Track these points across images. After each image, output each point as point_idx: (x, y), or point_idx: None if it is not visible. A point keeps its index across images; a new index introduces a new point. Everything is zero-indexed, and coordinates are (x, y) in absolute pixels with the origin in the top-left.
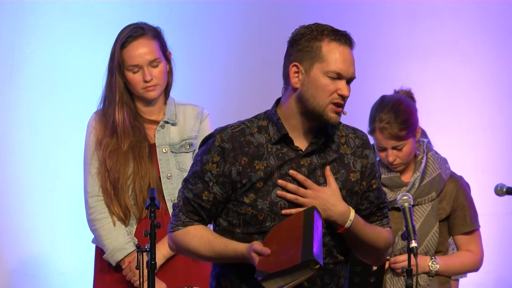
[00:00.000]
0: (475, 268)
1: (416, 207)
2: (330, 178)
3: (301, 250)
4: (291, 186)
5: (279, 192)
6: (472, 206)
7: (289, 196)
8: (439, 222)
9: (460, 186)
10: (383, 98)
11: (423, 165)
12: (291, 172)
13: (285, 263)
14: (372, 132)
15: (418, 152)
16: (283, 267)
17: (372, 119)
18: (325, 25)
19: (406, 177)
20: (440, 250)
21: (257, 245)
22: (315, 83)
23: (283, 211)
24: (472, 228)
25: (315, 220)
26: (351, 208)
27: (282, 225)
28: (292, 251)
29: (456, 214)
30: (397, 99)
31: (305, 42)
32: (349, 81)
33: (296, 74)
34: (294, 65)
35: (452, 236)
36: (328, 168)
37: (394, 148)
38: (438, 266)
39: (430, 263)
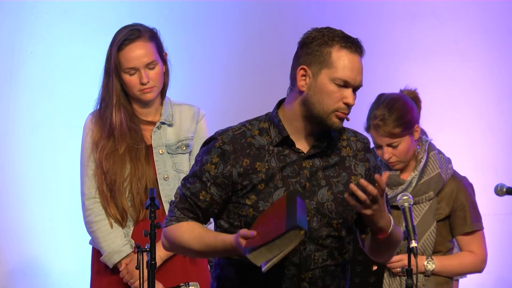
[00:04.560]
0: (477, 269)
1: (413, 206)
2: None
3: (285, 221)
4: (372, 188)
5: (352, 185)
6: (474, 207)
7: (359, 193)
8: (438, 222)
9: (462, 187)
10: (380, 96)
11: (422, 164)
12: (377, 177)
13: (271, 235)
14: (367, 129)
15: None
16: (268, 239)
17: (368, 116)
18: (337, 30)
19: (406, 176)
20: (439, 250)
21: (244, 230)
22: (321, 89)
23: (345, 195)
24: (473, 228)
25: (298, 200)
26: (389, 215)
27: (267, 212)
28: (277, 224)
29: (456, 215)
30: (394, 97)
31: (315, 46)
32: (355, 89)
33: (303, 77)
34: (302, 68)
35: (453, 237)
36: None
37: (389, 145)
38: (434, 266)
39: (425, 263)
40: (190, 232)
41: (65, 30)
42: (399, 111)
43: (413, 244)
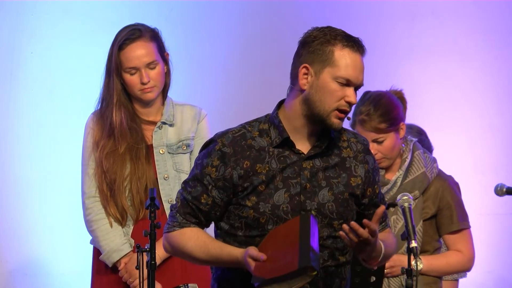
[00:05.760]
0: (465, 268)
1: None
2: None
3: (298, 256)
4: (362, 231)
5: (344, 225)
6: (459, 206)
7: (351, 236)
8: (425, 221)
9: (447, 186)
10: (366, 93)
11: (406, 163)
12: (366, 221)
13: (282, 269)
14: (353, 125)
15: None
16: (280, 273)
17: (354, 112)
18: (338, 29)
19: (391, 176)
20: (426, 249)
21: (253, 250)
22: (323, 87)
23: (340, 233)
24: (459, 227)
25: (311, 225)
26: (380, 243)
27: (278, 230)
28: (289, 257)
29: (442, 214)
30: (379, 94)
31: (317, 45)
32: (356, 88)
33: (305, 76)
34: (304, 67)
35: (440, 236)
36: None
37: (374, 141)
38: (421, 266)
39: (412, 262)
40: (194, 240)
41: (65, 30)
42: (385, 107)
43: (413, 244)
